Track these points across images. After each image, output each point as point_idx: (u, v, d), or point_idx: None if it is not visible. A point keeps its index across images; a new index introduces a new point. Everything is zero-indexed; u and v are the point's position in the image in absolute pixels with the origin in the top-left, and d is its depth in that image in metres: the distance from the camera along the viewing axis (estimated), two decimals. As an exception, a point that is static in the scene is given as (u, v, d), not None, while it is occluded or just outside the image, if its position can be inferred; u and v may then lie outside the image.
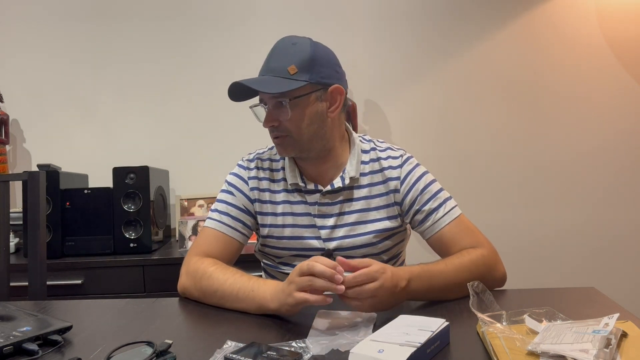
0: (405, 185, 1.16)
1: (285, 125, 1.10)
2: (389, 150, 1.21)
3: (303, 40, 1.11)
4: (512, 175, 2.24)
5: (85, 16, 2.24)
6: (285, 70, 1.07)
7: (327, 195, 1.16)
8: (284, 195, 1.19)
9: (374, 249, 1.16)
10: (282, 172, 1.20)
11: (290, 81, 1.06)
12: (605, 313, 0.78)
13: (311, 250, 1.17)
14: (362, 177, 1.17)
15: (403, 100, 2.24)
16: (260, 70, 1.11)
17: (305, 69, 1.07)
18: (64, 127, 2.26)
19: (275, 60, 1.09)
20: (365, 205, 1.16)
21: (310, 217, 1.17)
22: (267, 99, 1.10)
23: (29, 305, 1.09)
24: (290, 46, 1.09)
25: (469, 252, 1.07)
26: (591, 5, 2.20)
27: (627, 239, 2.23)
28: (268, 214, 1.19)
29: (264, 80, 1.08)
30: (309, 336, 0.82)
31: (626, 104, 2.21)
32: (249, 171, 1.22)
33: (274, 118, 1.10)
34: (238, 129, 2.25)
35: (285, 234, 1.18)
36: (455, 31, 2.23)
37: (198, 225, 2.10)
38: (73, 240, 1.85)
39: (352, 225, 1.16)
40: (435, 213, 1.13)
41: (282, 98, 1.07)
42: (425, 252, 1.63)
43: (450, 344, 0.78)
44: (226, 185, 1.23)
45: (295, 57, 1.08)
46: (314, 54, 1.09)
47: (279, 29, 2.24)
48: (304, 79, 1.07)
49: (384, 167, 1.18)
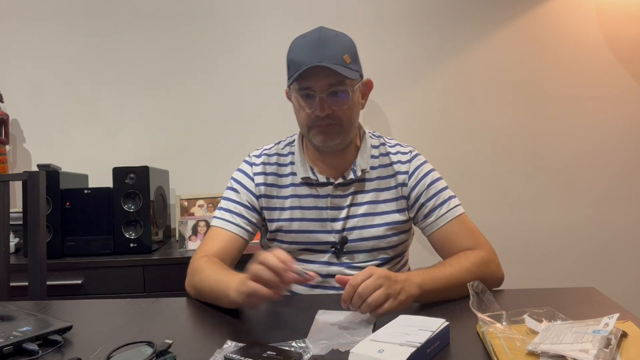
0: (413, 180, 1.18)
1: (337, 114, 1.10)
2: (398, 146, 1.24)
3: (341, 33, 1.13)
4: (512, 174, 2.24)
5: (86, 16, 2.24)
6: (342, 58, 1.07)
7: (339, 188, 1.18)
8: (292, 189, 1.20)
9: (381, 242, 1.17)
10: (290, 167, 1.22)
11: (351, 70, 1.08)
12: (605, 313, 0.78)
13: (320, 244, 1.18)
14: (371, 170, 1.20)
15: (402, 100, 2.24)
16: (304, 60, 1.06)
17: (354, 59, 1.10)
18: (64, 127, 2.26)
19: (329, 48, 1.07)
20: (375, 198, 1.18)
21: (318, 210, 1.18)
22: (322, 86, 1.07)
23: (29, 305, 1.09)
24: (335, 37, 1.10)
25: (466, 254, 1.08)
26: (591, 4, 2.20)
27: (627, 238, 2.23)
28: (276, 209, 1.20)
29: (335, 66, 1.05)
30: (309, 336, 0.82)
31: (626, 104, 2.21)
32: (255, 167, 1.22)
33: (328, 106, 1.09)
34: (238, 129, 2.25)
35: (293, 228, 1.19)
36: (455, 31, 2.23)
37: (198, 225, 2.10)
38: (73, 240, 1.85)
39: (362, 216, 1.17)
40: (439, 209, 1.15)
41: (345, 87, 1.08)
42: (425, 253, 1.63)
43: (450, 344, 0.78)
44: (231, 183, 1.24)
45: (346, 47, 1.10)
46: (355, 46, 1.13)
47: (279, 29, 2.24)
48: (355, 69, 1.10)
49: (393, 161, 1.20)
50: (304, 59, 1.06)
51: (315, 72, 1.05)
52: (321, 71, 1.05)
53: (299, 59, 1.07)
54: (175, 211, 2.21)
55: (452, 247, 1.13)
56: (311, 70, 1.05)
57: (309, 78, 1.07)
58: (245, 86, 2.25)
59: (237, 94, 2.25)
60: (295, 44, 1.12)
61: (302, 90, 1.10)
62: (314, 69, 1.05)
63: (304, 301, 1.07)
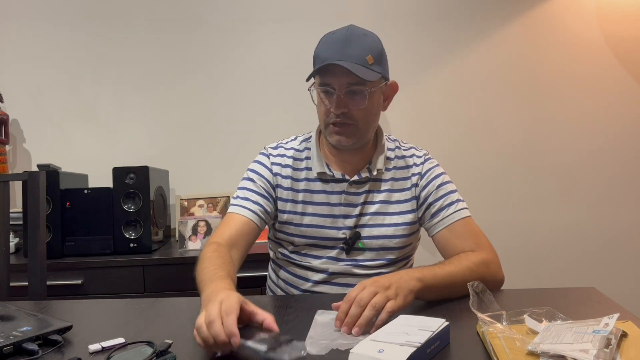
0: (424, 180, 1.21)
1: (353, 114, 1.11)
2: (413, 149, 1.27)
3: (371, 33, 1.14)
4: (512, 174, 2.24)
5: (86, 16, 2.24)
6: (364, 59, 1.08)
7: (353, 185, 1.19)
8: (305, 184, 1.22)
9: (389, 242, 1.19)
10: (305, 162, 1.23)
11: (371, 71, 1.08)
12: (605, 313, 0.78)
13: (328, 240, 1.20)
14: (386, 171, 1.21)
15: (402, 100, 2.23)
16: (329, 56, 1.08)
17: (378, 61, 1.11)
18: (64, 127, 2.26)
19: (353, 47, 1.08)
20: (387, 198, 1.20)
21: (330, 206, 1.20)
22: (341, 84, 1.09)
23: (29, 305, 1.09)
24: (362, 36, 1.11)
25: (467, 254, 1.09)
26: (591, 5, 2.20)
27: (627, 238, 2.23)
28: (288, 201, 1.22)
29: (352, 66, 1.06)
30: (309, 336, 0.82)
31: (626, 104, 2.21)
32: (272, 157, 1.25)
33: (345, 105, 1.10)
34: (238, 129, 2.25)
35: (304, 222, 1.20)
36: (454, 31, 2.23)
37: (198, 225, 2.10)
38: (73, 240, 1.85)
39: (373, 215, 1.19)
40: (445, 210, 1.17)
41: (363, 87, 1.09)
42: (427, 254, 1.63)
43: (450, 344, 0.78)
44: (247, 173, 1.25)
45: (371, 48, 1.10)
46: (382, 47, 1.14)
47: (280, 30, 2.24)
48: (378, 71, 1.10)
49: (408, 164, 1.23)
50: (327, 55, 1.09)
51: (336, 70, 1.07)
52: (342, 69, 1.06)
53: (324, 55, 1.10)
54: (175, 211, 2.21)
55: (455, 247, 1.14)
56: (332, 68, 1.07)
57: (329, 75, 1.09)
58: (245, 86, 2.25)
59: (237, 94, 2.25)
60: (323, 40, 1.14)
61: (322, 85, 1.12)
62: (335, 67, 1.06)
63: (304, 301, 1.07)
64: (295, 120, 2.17)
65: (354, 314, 0.84)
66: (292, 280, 1.25)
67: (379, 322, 0.84)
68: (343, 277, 1.20)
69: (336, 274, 1.20)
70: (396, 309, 0.87)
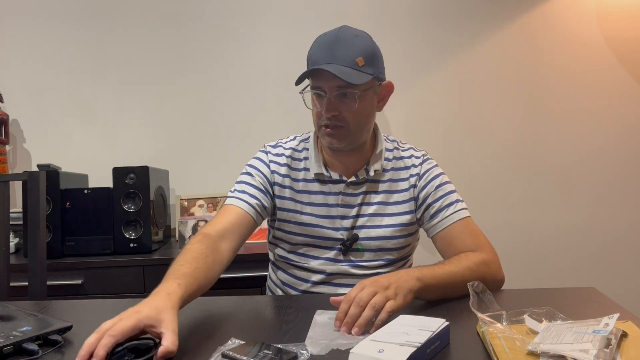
0: (423, 181, 1.20)
1: (344, 116, 1.10)
2: (412, 150, 1.26)
3: (363, 33, 1.13)
4: (512, 174, 2.24)
5: (86, 16, 2.24)
6: (354, 61, 1.07)
7: (351, 186, 1.19)
8: (303, 184, 1.21)
9: (387, 243, 1.19)
10: (303, 162, 1.23)
11: (361, 73, 1.07)
12: (605, 313, 0.78)
13: (326, 240, 1.20)
14: (384, 172, 1.21)
15: (402, 100, 2.24)
16: (318, 59, 1.08)
17: (370, 62, 1.09)
18: (64, 127, 2.26)
19: (342, 50, 1.07)
20: (385, 199, 1.20)
21: (327, 207, 1.19)
22: (331, 87, 1.08)
23: (29, 305, 1.09)
24: (353, 37, 1.09)
25: (467, 254, 1.09)
26: (591, 5, 2.20)
27: (627, 239, 2.23)
28: (287, 199, 1.22)
29: (338, 69, 1.05)
30: (309, 336, 0.82)
31: (626, 104, 2.21)
32: (271, 155, 1.25)
33: (335, 107, 1.10)
34: (238, 129, 2.25)
35: (302, 221, 1.20)
36: (454, 31, 2.23)
37: (198, 225, 2.10)
38: (73, 240, 1.85)
39: (370, 216, 1.19)
40: (445, 210, 1.17)
41: (353, 90, 1.08)
42: (427, 254, 1.63)
43: (450, 344, 0.78)
44: (246, 169, 1.25)
45: (361, 49, 1.08)
46: (375, 47, 1.12)
47: (280, 29, 2.24)
48: (369, 72, 1.09)
49: (407, 165, 1.22)
50: (317, 58, 1.08)
51: (325, 73, 1.06)
52: (330, 72, 1.05)
53: (314, 58, 1.09)
54: (175, 211, 2.21)
55: (455, 247, 1.13)
56: (322, 71, 1.06)
57: (319, 78, 1.09)
58: (245, 86, 2.25)
59: (237, 94, 2.25)
60: (315, 42, 1.13)
61: (313, 89, 1.12)
62: (324, 70, 1.05)
63: (304, 301, 1.07)
64: (295, 121, 2.17)
65: (354, 314, 0.84)
66: (291, 282, 1.25)
67: (378, 322, 0.84)
68: (341, 277, 1.20)
69: (334, 274, 1.20)
70: (396, 309, 0.87)
